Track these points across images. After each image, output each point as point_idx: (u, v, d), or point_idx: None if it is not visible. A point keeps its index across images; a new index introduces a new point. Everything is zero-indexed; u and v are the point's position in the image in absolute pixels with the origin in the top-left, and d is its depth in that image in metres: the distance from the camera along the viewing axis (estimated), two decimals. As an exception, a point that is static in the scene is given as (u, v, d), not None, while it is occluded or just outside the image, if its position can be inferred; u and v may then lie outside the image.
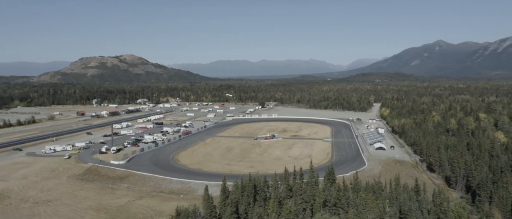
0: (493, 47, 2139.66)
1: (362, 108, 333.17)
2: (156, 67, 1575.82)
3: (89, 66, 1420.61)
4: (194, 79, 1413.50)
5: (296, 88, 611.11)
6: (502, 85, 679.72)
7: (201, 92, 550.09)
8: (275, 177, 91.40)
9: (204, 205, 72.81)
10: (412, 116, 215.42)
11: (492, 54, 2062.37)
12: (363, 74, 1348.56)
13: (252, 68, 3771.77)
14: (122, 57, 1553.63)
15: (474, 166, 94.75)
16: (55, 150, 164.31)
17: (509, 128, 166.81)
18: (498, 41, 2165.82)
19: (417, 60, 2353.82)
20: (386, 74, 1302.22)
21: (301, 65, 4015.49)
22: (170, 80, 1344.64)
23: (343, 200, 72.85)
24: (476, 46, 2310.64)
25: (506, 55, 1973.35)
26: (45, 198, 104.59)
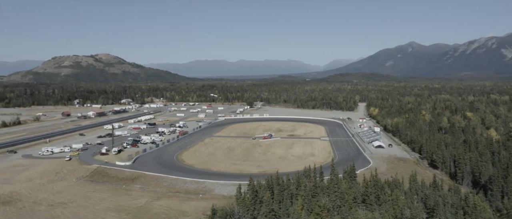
0: (462, 49, 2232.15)
1: (349, 108, 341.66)
2: (133, 67, 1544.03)
3: (63, 65, 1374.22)
4: (173, 79, 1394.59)
5: (280, 88, 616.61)
6: (474, 85, 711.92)
7: (186, 92, 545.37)
8: (298, 175, 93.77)
9: (241, 204, 73.92)
10: (403, 115, 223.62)
11: (461, 55, 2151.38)
12: (341, 75, 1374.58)
13: (230, 68, 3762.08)
14: (97, 57, 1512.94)
15: (480, 162, 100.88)
16: (53, 152, 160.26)
17: (497, 125, 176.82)
18: (467, 43, 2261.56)
19: (391, 61, 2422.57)
20: (363, 75, 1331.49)
21: (279, 65, 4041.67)
22: (148, 80, 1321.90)
23: (372, 197, 76.15)
24: (447, 48, 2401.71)
25: (474, 56, 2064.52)
26: (58, 200, 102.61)
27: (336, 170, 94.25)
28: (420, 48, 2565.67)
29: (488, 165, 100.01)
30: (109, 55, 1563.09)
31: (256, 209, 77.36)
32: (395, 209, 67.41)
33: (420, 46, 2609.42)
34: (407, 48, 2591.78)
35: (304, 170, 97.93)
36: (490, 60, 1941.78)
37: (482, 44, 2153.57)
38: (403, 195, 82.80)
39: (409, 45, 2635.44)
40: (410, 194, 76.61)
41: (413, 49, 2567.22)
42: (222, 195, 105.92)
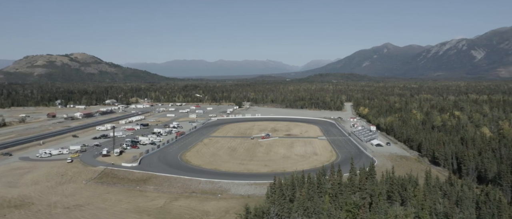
0: (434, 50, 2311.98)
1: (337, 107, 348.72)
2: (110, 67, 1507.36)
3: (36, 65, 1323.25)
4: (153, 79, 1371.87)
5: (265, 88, 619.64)
6: (450, 85, 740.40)
7: (170, 92, 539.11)
8: (318, 173, 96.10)
9: (276, 202, 75.26)
10: (393, 114, 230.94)
11: (434, 56, 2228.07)
12: (320, 75, 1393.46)
13: (209, 68, 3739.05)
14: (73, 56, 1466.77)
15: (485, 159, 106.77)
16: (51, 154, 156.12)
17: (485, 123, 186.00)
18: (439, 44, 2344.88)
19: (367, 62, 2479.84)
20: (342, 75, 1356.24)
21: (258, 65, 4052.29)
22: (127, 80, 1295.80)
23: (396, 193, 79.46)
24: (420, 49, 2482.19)
25: (446, 57, 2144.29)
26: (74, 203, 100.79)
27: (355, 168, 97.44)
28: (394, 49, 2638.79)
29: (493, 162, 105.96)
30: (85, 54, 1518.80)
31: (286, 207, 78.93)
32: (425, 204, 70.64)
33: (395, 48, 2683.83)
34: (383, 49, 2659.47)
35: (322, 168, 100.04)
36: (460, 61, 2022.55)
37: (453, 45, 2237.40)
38: (437, 191, 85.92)
39: (384, 46, 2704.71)
40: (433, 190, 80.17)
41: (388, 50, 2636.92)
42: (239, 194, 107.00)
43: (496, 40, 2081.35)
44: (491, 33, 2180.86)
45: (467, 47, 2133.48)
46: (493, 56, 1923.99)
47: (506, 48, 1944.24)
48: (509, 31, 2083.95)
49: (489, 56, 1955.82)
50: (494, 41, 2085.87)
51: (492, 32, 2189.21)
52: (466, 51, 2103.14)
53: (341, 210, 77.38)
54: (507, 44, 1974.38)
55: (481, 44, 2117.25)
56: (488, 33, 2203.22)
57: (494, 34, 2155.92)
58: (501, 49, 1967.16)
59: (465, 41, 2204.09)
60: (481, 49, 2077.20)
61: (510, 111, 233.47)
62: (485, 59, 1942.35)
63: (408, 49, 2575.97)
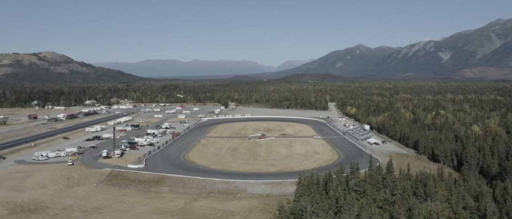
0: (404, 51, 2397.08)
1: (323, 107, 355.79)
2: (82, 66, 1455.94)
3: (1, 64, 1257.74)
4: (127, 79, 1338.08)
5: (247, 88, 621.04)
6: (422, 85, 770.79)
7: (151, 93, 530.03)
8: (339, 170, 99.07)
9: (314, 201, 77.20)
10: (382, 113, 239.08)
11: (404, 57, 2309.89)
12: (297, 75, 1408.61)
13: (183, 68, 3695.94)
14: (41, 55, 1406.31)
15: (487, 155, 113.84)
16: (48, 157, 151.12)
17: (469, 122, 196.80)
18: (408, 46, 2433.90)
19: (341, 63, 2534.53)
20: (318, 75, 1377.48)
21: (233, 65, 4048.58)
22: (99, 80, 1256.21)
23: (421, 189, 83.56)
24: (390, 51, 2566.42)
25: (415, 59, 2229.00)
26: (91, 205, 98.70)
27: (374, 166, 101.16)
28: (367, 51, 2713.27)
29: (495, 158, 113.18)
30: (54, 53, 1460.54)
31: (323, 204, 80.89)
32: (451, 199, 74.83)
33: (367, 49, 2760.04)
34: (355, 50, 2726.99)
35: (340, 168, 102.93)
36: (428, 62, 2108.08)
37: (421, 47, 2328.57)
38: (459, 187, 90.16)
39: (357, 48, 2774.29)
40: (456, 186, 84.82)
41: (361, 51, 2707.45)
42: (257, 194, 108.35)
43: (461, 43, 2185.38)
44: (457, 36, 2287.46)
45: (435, 49, 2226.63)
46: (458, 58, 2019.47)
47: (470, 50, 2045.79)
48: (473, 34, 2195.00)
49: (455, 57, 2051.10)
50: (459, 43, 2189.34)
51: (458, 35, 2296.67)
52: (434, 52, 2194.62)
53: (370, 207, 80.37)
54: (471, 46, 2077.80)
55: (447, 46, 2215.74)
56: (454, 36, 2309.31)
57: (459, 36, 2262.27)
58: (466, 51, 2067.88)
59: (432, 43, 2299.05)
60: (448, 51, 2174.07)
61: (489, 110, 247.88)
62: (451, 60, 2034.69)
63: (379, 51, 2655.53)
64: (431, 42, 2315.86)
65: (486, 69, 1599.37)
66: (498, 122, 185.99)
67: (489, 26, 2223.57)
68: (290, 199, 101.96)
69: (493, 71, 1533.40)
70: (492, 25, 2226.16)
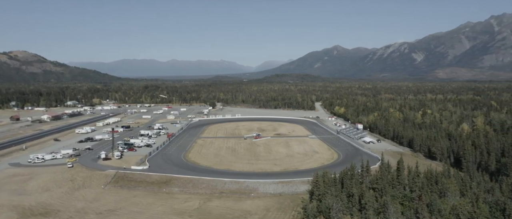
0: (380, 52, 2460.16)
1: (310, 107, 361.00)
2: (55, 66, 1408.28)
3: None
4: (103, 79, 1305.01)
5: (232, 89, 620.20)
6: (399, 85, 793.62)
7: (134, 93, 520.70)
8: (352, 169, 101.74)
9: (339, 198, 79.28)
10: (372, 113, 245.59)
11: (379, 58, 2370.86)
12: (277, 75, 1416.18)
13: (161, 68, 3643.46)
14: (12, 54, 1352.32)
15: (485, 152, 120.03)
16: (44, 159, 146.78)
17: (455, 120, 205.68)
18: (384, 47, 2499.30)
19: (319, 63, 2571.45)
20: (297, 75, 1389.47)
21: (212, 65, 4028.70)
22: (75, 80, 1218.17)
23: (435, 187, 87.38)
24: (367, 52, 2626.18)
25: (390, 60, 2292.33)
26: (103, 208, 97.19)
27: (385, 164, 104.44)
28: (344, 52, 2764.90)
29: (493, 154, 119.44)
30: (26, 52, 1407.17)
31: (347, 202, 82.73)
32: (467, 194, 78.78)
33: (344, 50, 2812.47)
34: (333, 51, 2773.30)
35: (351, 166, 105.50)
36: (403, 63, 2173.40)
37: (396, 48, 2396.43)
38: (465, 183, 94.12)
39: (334, 48, 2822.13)
40: (463, 182, 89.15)
41: (338, 52, 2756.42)
42: (269, 193, 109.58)
43: (433, 44, 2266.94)
44: (429, 38, 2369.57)
45: (409, 50, 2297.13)
46: (431, 59, 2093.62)
47: (442, 52, 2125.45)
48: (445, 36, 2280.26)
49: (428, 58, 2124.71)
50: (432, 45, 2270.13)
51: (430, 37, 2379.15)
52: (408, 54, 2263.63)
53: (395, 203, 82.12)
54: (443, 48, 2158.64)
55: (420, 48, 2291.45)
56: (427, 37, 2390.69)
57: (432, 38, 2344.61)
58: (438, 52, 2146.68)
59: (406, 45, 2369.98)
60: (421, 52, 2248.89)
61: (471, 109, 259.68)
62: (425, 61, 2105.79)
63: (356, 52, 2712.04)
64: (405, 44, 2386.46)
65: (457, 70, 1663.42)
66: (483, 120, 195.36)
67: (459, 29, 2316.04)
68: (305, 198, 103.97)
69: (463, 72, 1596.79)
70: (462, 27, 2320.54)
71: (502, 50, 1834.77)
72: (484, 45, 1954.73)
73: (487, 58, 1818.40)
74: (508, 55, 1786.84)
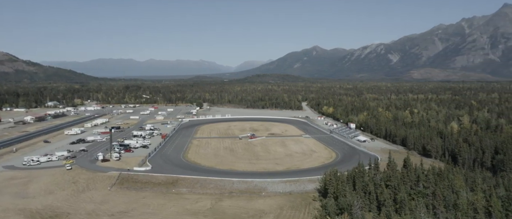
0: (357, 53, 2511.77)
1: (298, 107, 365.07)
2: (28, 65, 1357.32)
3: None
4: (79, 79, 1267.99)
5: (215, 89, 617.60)
6: (379, 86, 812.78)
7: (115, 93, 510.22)
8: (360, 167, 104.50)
9: (359, 196, 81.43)
10: (362, 112, 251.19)
11: (357, 59, 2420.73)
12: (258, 75, 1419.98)
13: (139, 68, 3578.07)
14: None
15: (479, 149, 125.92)
16: (40, 161, 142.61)
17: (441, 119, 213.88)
18: (361, 48, 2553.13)
19: (298, 63, 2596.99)
20: (278, 76, 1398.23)
21: (191, 65, 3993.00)
22: (49, 80, 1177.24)
23: (445, 183, 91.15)
24: (345, 52, 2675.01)
25: (367, 60, 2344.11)
26: (114, 209, 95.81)
27: (393, 162, 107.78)
28: (323, 52, 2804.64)
29: (489, 152, 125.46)
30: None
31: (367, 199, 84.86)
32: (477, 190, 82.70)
33: (323, 50, 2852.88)
34: (312, 51, 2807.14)
35: (359, 165, 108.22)
36: (380, 63, 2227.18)
37: (373, 50, 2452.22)
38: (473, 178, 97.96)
39: (313, 49, 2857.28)
40: (472, 178, 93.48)
41: (317, 52, 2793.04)
42: (279, 192, 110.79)
43: (408, 45, 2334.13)
44: (404, 39, 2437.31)
45: (385, 51, 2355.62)
46: (406, 60, 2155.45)
47: (417, 53, 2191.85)
48: (419, 38, 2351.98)
49: (403, 59, 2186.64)
50: (407, 46, 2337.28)
51: (405, 38, 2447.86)
52: (384, 55, 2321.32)
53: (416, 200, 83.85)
54: (418, 49, 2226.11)
55: (396, 49, 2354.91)
56: (402, 39, 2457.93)
57: (406, 40, 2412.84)
58: (412, 53, 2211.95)
59: (383, 46, 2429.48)
60: (396, 53, 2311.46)
61: (454, 108, 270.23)
62: (400, 62, 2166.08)
63: (334, 52, 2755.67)
64: (382, 45, 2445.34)
65: (431, 71, 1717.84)
66: (468, 119, 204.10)
67: (432, 31, 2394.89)
68: (315, 196, 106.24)
69: (437, 73, 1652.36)
70: (435, 29, 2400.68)
71: (473, 51, 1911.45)
72: (456, 47, 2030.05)
73: (458, 59, 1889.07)
74: (478, 57, 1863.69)
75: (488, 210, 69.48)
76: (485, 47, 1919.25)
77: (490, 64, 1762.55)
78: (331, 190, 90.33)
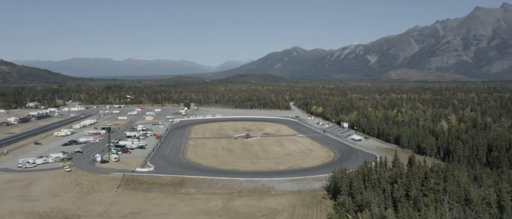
0: (337, 54, 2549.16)
1: (286, 107, 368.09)
2: (1, 65, 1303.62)
3: None
4: (55, 78, 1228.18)
5: (199, 89, 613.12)
6: (360, 86, 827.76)
7: (98, 94, 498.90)
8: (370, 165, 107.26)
9: (376, 193, 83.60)
10: (352, 112, 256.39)
11: (336, 60, 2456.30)
12: (239, 76, 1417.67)
13: (117, 67, 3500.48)
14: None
15: (475, 146, 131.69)
16: (36, 163, 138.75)
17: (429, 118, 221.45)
18: (340, 49, 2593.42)
19: (279, 64, 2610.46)
20: (260, 76, 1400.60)
21: (171, 65, 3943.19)
22: (24, 79, 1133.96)
23: (452, 179, 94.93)
24: (324, 53, 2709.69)
25: (346, 61, 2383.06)
26: (126, 211, 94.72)
27: (398, 160, 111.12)
28: (303, 53, 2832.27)
29: (483, 149, 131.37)
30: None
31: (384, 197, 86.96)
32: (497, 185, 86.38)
33: (303, 51, 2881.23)
34: (292, 52, 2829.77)
35: (365, 163, 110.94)
36: (358, 64, 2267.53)
37: (352, 50, 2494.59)
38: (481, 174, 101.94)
39: (294, 50, 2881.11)
40: (471, 174, 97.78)
41: (298, 53, 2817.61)
42: (287, 190, 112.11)
43: (386, 46, 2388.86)
44: (382, 40, 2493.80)
45: (363, 52, 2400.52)
46: (384, 61, 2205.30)
47: (394, 54, 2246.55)
48: (396, 39, 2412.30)
49: (381, 60, 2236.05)
50: (384, 47, 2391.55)
51: (383, 39, 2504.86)
52: (363, 55, 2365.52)
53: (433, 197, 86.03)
54: (395, 50, 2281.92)
55: (374, 50, 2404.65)
56: (380, 40, 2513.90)
57: (384, 41, 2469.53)
58: (390, 54, 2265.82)
59: (361, 47, 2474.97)
60: (374, 54, 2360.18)
61: (438, 107, 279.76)
62: (378, 63, 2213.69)
63: (314, 53, 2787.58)
64: (360, 46, 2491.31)
65: (407, 71, 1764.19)
66: (455, 118, 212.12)
67: (408, 32, 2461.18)
68: (324, 194, 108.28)
69: (413, 73, 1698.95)
70: (411, 31, 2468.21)
71: (447, 52, 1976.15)
72: (431, 48, 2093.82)
73: (433, 60, 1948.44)
74: (452, 58, 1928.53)
75: (500, 205, 73.19)
76: (458, 49, 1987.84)
77: (463, 65, 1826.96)
78: (344, 188, 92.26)
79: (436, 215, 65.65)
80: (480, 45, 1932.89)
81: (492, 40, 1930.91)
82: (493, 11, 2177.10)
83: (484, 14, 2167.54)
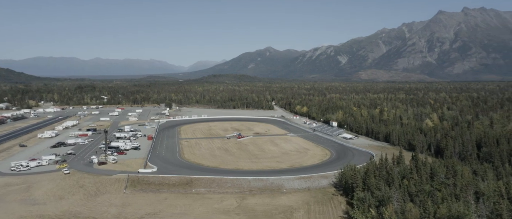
0: (309, 54, 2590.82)
1: (269, 107, 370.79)
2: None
3: None
4: (19, 78, 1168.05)
5: (177, 89, 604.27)
6: (336, 86, 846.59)
7: (72, 94, 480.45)
8: (381, 162, 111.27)
9: (395, 189, 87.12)
10: (336, 111, 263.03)
11: (309, 60, 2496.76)
12: (214, 76, 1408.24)
13: (84, 67, 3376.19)
14: None
15: (464, 142, 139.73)
16: (30, 166, 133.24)
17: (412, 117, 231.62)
18: (312, 50, 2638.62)
19: (252, 64, 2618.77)
20: (234, 76, 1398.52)
21: (141, 65, 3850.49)
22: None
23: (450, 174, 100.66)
24: (297, 54, 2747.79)
25: (318, 61, 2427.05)
26: (141, 212, 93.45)
27: (402, 158, 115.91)
28: (276, 53, 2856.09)
29: (474, 145, 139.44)
30: None
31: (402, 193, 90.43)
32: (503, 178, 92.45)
33: (276, 51, 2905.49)
34: (265, 52, 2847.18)
35: (370, 161, 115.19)
36: (330, 65, 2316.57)
37: (323, 51, 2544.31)
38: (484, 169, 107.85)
39: (266, 50, 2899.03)
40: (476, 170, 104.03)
41: (270, 53, 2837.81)
42: (296, 188, 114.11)
43: (356, 48, 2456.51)
44: (352, 42, 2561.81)
45: (334, 53, 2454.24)
46: (354, 61, 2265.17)
47: (363, 55, 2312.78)
48: (365, 41, 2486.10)
49: (351, 61, 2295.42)
50: (354, 48, 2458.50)
51: (352, 41, 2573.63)
52: (334, 56, 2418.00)
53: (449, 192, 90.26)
54: (364, 51, 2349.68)
55: (344, 51, 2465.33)
56: (350, 42, 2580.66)
57: (354, 42, 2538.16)
58: (359, 55, 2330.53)
59: (332, 48, 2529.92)
60: (345, 55, 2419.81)
61: (416, 105, 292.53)
62: (348, 63, 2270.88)
63: (287, 53, 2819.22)
64: (332, 47, 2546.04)
65: (376, 72, 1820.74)
66: (437, 116, 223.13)
67: (377, 34, 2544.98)
68: (334, 191, 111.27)
69: (382, 74, 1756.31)
70: (379, 33, 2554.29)
71: (413, 54, 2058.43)
72: (397, 50, 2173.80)
73: (400, 61, 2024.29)
74: (418, 59, 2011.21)
75: (510, 197, 78.81)
76: (423, 50, 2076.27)
77: (427, 66, 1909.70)
78: (359, 184, 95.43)
79: (465, 208, 69.65)
80: (443, 47, 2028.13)
81: (454, 42, 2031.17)
82: (455, 15, 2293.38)
83: (447, 17, 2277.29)
